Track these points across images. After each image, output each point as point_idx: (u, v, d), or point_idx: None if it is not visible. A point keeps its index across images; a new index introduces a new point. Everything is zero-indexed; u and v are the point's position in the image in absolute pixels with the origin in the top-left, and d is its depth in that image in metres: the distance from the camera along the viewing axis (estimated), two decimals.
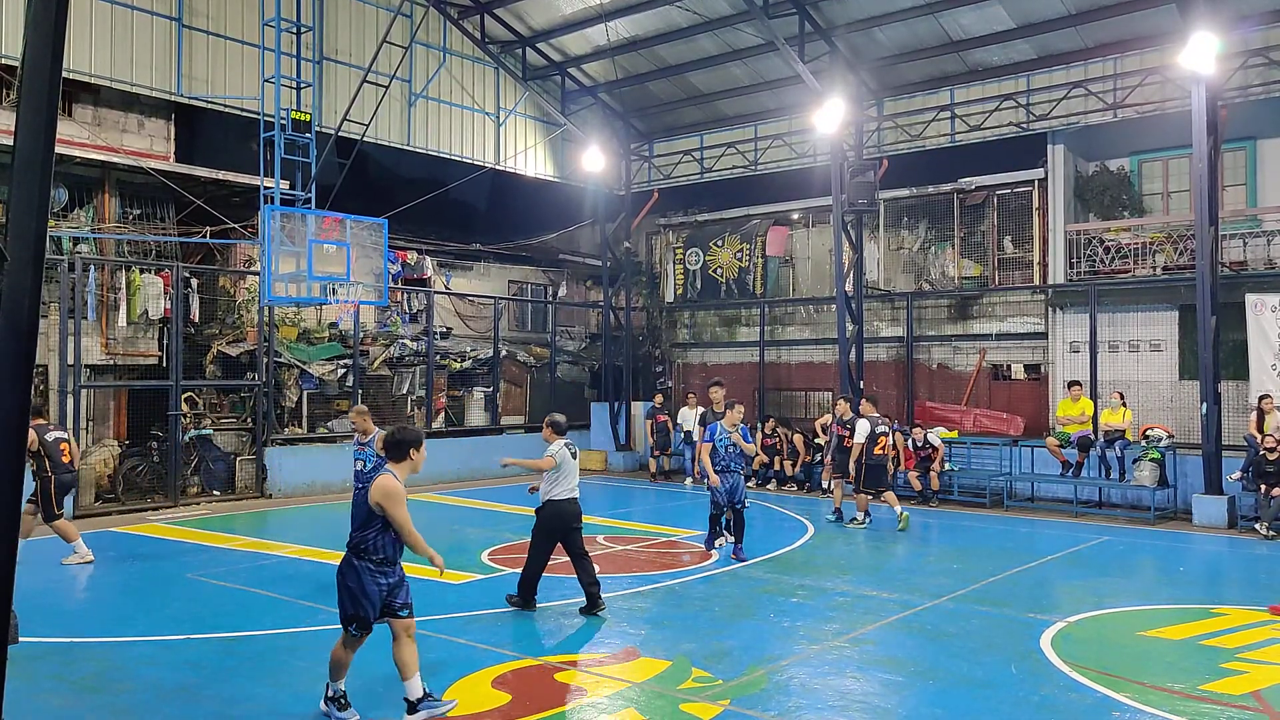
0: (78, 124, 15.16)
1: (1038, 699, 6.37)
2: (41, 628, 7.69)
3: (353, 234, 14.33)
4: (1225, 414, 14.65)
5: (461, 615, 8.50)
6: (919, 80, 18.41)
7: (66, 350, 14.19)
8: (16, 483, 3.52)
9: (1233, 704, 6.28)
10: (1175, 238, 16.56)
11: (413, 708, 5.88)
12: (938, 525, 14.32)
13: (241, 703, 6.20)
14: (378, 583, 5.80)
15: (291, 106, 15.48)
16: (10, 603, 3.51)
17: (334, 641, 6.06)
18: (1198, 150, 14.11)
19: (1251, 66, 15.10)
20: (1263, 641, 7.89)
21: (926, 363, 19.48)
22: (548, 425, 8.95)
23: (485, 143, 20.33)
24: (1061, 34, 16.31)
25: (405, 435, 6.00)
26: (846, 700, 6.34)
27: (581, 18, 18.78)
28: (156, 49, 15.50)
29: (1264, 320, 14.88)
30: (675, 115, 21.72)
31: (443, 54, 19.51)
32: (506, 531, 12.85)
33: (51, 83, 3.43)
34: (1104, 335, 16.73)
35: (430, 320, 19.33)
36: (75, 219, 15.51)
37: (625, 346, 22.27)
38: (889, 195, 19.95)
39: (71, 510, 13.74)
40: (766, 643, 7.73)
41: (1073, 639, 7.83)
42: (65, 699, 6.25)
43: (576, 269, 23.96)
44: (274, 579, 9.79)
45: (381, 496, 5.69)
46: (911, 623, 8.33)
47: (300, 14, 15.88)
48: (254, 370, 16.38)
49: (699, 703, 6.23)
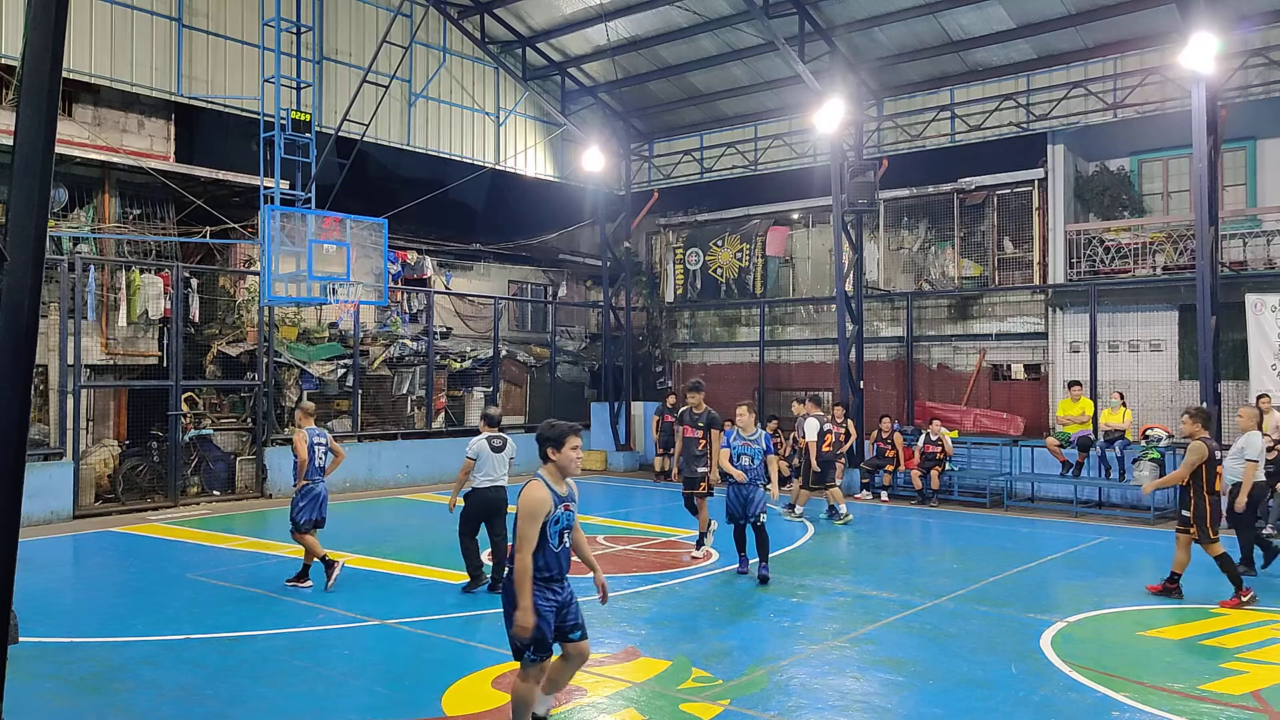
0: (78, 124, 15.16)
1: (1038, 699, 6.37)
2: (41, 628, 7.68)
3: (353, 234, 14.33)
4: (1225, 414, 14.64)
5: (461, 615, 8.50)
6: (919, 80, 18.41)
7: (66, 350, 14.18)
8: (16, 483, 3.52)
9: (1233, 704, 6.28)
10: (1175, 238, 16.56)
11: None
12: (938, 525, 14.32)
13: (241, 703, 6.20)
14: (548, 599, 5.20)
15: (291, 106, 15.48)
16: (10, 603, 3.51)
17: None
18: (1198, 150, 14.11)
19: (1251, 66, 15.10)
20: (1263, 641, 7.89)
21: (926, 363, 19.48)
22: (481, 418, 9.72)
23: (485, 143, 20.33)
24: (1061, 34, 16.31)
25: (542, 433, 5.31)
26: (847, 700, 6.34)
27: (581, 18, 18.78)
28: (156, 49, 15.51)
29: (1264, 320, 14.88)
30: (675, 115, 21.72)
31: (443, 54, 19.52)
32: (507, 531, 12.84)
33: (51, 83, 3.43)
34: (1104, 335, 16.74)
35: (430, 320, 19.33)
36: (75, 219, 15.51)
37: (625, 346, 22.27)
38: (889, 195, 19.95)
39: (72, 509, 13.77)
40: (766, 643, 7.73)
41: (1073, 639, 7.82)
42: (65, 699, 6.24)
43: (576, 269, 23.95)
44: (274, 579, 9.79)
45: (519, 503, 5.13)
46: (911, 623, 8.33)
47: (300, 14, 15.88)
48: (254, 370, 16.38)
49: (699, 703, 6.22)
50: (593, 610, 8.74)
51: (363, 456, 17.66)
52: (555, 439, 5.23)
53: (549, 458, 5.24)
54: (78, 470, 14.10)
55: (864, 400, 18.42)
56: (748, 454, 10.08)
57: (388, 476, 17.95)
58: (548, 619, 5.15)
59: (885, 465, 16.94)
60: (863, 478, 17.17)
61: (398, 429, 18.64)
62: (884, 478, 16.90)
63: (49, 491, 13.42)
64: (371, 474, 17.74)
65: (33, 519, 12.84)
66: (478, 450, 9.20)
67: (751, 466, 10.04)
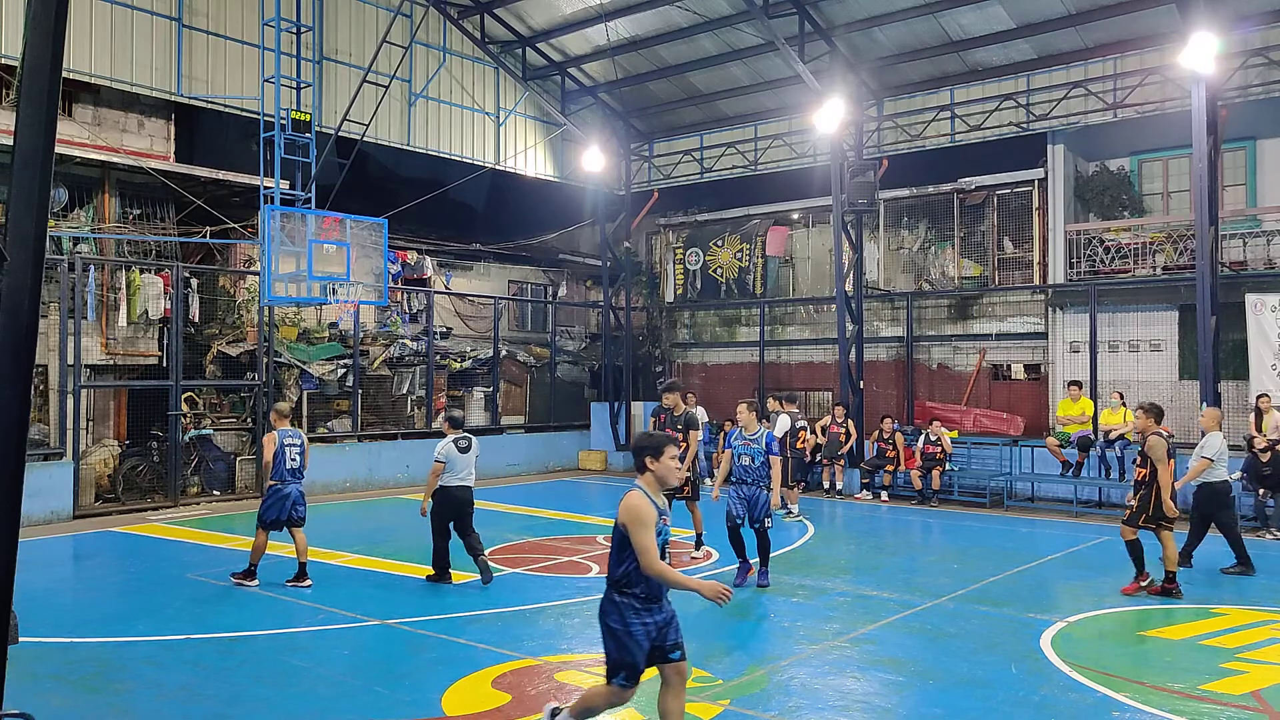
0: (78, 124, 15.16)
1: (1038, 699, 6.37)
2: (41, 628, 7.69)
3: (353, 234, 14.33)
4: (1225, 414, 14.65)
5: (461, 615, 8.50)
6: (919, 80, 18.41)
7: (66, 350, 14.19)
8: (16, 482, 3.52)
9: (1233, 704, 6.28)
10: (1175, 238, 16.56)
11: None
12: (938, 525, 14.32)
13: (241, 703, 6.20)
14: (644, 622, 4.86)
15: (291, 106, 15.48)
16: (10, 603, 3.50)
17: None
18: (1198, 150, 14.11)
19: (1251, 66, 15.10)
20: (1263, 641, 7.89)
21: (926, 363, 19.48)
22: (445, 420, 10.04)
23: (485, 143, 20.33)
24: (1061, 34, 16.31)
25: (641, 443, 5.08)
26: (847, 700, 6.34)
27: (581, 18, 18.77)
28: (156, 49, 15.51)
29: (1264, 320, 14.88)
30: (675, 115, 21.73)
31: (443, 54, 19.52)
32: (507, 531, 12.86)
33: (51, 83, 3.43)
34: (1104, 335, 16.74)
35: (430, 320, 19.33)
36: (75, 219, 15.50)
37: (625, 346, 22.27)
38: (889, 195, 19.95)
39: (72, 509, 13.77)
40: (766, 643, 7.73)
41: (1073, 639, 7.82)
42: (65, 699, 6.24)
43: (576, 269, 23.95)
44: (274, 579, 9.78)
45: (625, 515, 4.81)
46: (912, 623, 8.33)
47: (300, 14, 15.88)
48: (254, 370, 16.38)
49: (699, 703, 6.22)
50: (592, 610, 8.75)
51: (363, 456, 17.66)
52: (655, 448, 5.00)
53: (648, 468, 4.97)
54: (78, 470, 14.10)
55: (864, 400, 18.42)
56: (748, 454, 9.75)
57: (388, 476, 17.95)
58: (641, 644, 4.85)
59: (885, 465, 16.94)
60: (863, 478, 17.17)
61: (398, 429, 18.65)
62: (884, 478, 16.90)
63: (49, 491, 13.42)
64: (372, 474, 17.75)
65: (33, 519, 12.84)
66: (446, 453, 9.44)
67: (752, 467, 9.70)
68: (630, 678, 4.89)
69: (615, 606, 4.88)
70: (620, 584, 4.87)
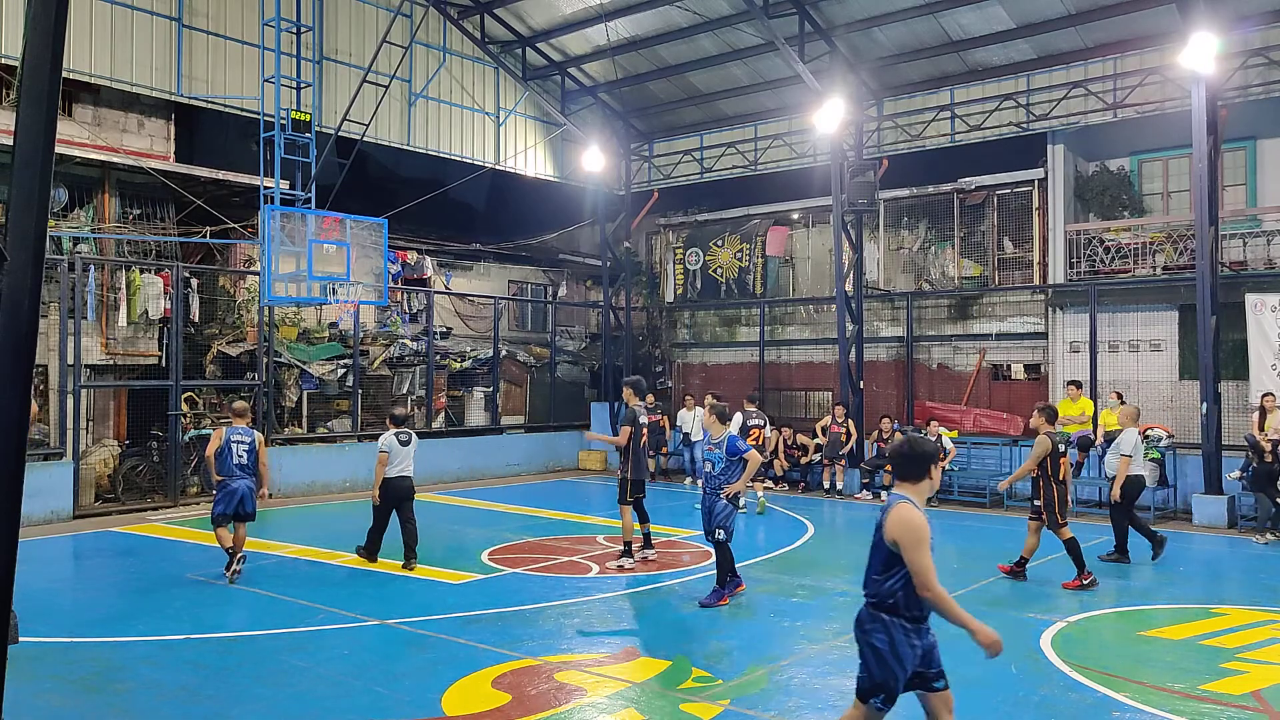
0: (78, 124, 15.16)
1: (1038, 699, 6.37)
2: (41, 628, 7.69)
3: (353, 234, 14.33)
4: (1225, 414, 14.66)
5: (461, 615, 8.50)
6: (919, 80, 18.41)
7: (66, 350, 14.18)
8: (16, 482, 3.52)
9: (1233, 704, 6.28)
10: (1175, 238, 16.56)
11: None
12: (938, 525, 14.25)
13: (241, 703, 6.20)
14: (912, 644, 4.53)
15: (291, 106, 15.49)
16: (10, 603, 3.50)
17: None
18: (1198, 150, 14.11)
19: (1251, 66, 15.10)
20: (1263, 641, 7.89)
21: (926, 363, 19.47)
22: (388, 417, 10.98)
23: (485, 143, 20.33)
24: (1061, 34, 16.31)
25: (921, 448, 4.62)
26: (847, 700, 6.28)
27: (581, 18, 18.78)
28: (156, 49, 15.51)
29: (1264, 320, 14.88)
30: (675, 115, 21.73)
31: (443, 54, 19.52)
32: (506, 531, 12.86)
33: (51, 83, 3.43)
34: (1104, 335, 16.73)
35: (430, 320, 19.33)
36: (75, 219, 15.50)
37: (625, 346, 22.27)
38: (889, 195, 19.95)
39: (72, 509, 13.77)
40: (766, 643, 7.73)
41: (1073, 639, 7.83)
42: (65, 699, 6.25)
43: (576, 269, 23.96)
44: (274, 579, 9.79)
45: (900, 530, 4.41)
46: None
47: (300, 14, 15.88)
48: (254, 370, 16.38)
49: (699, 703, 6.22)
50: (592, 610, 8.77)
51: (363, 456, 17.61)
52: (936, 455, 4.64)
53: (929, 475, 4.58)
54: (78, 470, 14.09)
55: (864, 400, 18.42)
56: (710, 459, 9.00)
57: None
58: (905, 666, 4.51)
59: (885, 465, 16.93)
60: (863, 478, 17.17)
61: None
62: (884, 478, 16.89)
63: (49, 491, 13.42)
64: (371, 474, 17.69)
65: (33, 519, 12.83)
66: (389, 445, 10.43)
67: (713, 474, 8.92)
68: (889, 700, 4.54)
69: (883, 625, 4.53)
70: (887, 604, 4.54)
